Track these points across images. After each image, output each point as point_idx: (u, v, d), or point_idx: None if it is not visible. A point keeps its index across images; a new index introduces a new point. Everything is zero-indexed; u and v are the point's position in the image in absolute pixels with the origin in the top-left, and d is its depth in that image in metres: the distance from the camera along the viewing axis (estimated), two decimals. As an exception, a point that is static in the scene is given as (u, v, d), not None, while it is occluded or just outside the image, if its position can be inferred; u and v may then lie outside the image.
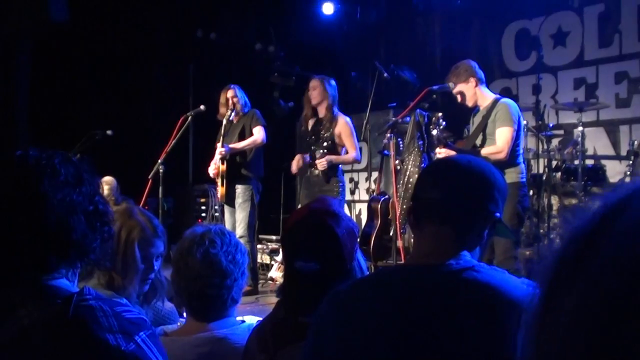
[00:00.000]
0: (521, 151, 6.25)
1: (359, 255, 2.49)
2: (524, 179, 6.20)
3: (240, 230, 7.82)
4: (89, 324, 1.63)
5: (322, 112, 7.68)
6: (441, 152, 6.13)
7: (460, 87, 6.29)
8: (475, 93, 6.27)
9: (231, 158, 7.96)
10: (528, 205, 6.57)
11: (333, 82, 7.83)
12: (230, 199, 8.03)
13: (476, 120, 6.36)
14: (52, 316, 1.64)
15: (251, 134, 7.99)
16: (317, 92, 7.66)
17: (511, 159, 6.01)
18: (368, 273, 2.55)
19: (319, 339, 1.97)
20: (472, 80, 6.24)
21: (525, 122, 7.61)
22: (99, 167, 1.93)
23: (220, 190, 7.97)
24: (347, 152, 7.49)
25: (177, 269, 2.65)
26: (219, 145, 7.90)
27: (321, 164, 7.24)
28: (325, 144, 7.33)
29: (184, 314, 3.03)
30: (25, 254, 1.72)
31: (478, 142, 6.24)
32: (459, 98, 6.36)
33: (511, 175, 5.98)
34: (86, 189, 1.81)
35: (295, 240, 2.41)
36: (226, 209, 8.23)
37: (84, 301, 1.67)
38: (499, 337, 1.75)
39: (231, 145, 7.92)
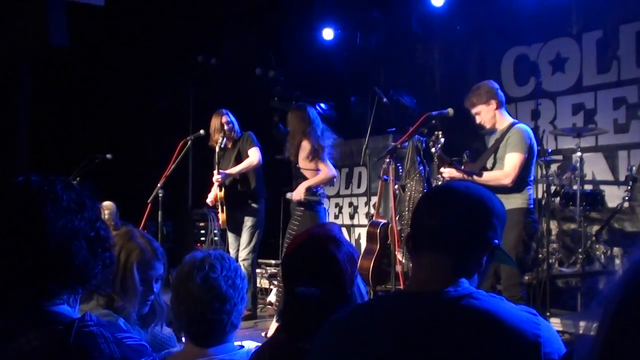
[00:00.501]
0: (532, 177, 6.19)
1: (359, 280, 2.49)
2: (532, 206, 6.12)
3: (244, 253, 7.81)
4: (90, 351, 1.63)
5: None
6: (445, 172, 6.10)
7: (479, 108, 6.21)
8: (494, 116, 6.20)
9: (233, 185, 7.96)
10: (536, 231, 6.48)
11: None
12: (235, 225, 8.02)
13: (490, 142, 6.33)
14: (53, 342, 1.64)
15: (247, 157, 7.99)
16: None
17: (518, 185, 5.93)
18: (367, 298, 2.55)
19: None
20: (493, 103, 6.18)
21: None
22: (98, 191, 1.94)
23: (222, 216, 7.96)
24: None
25: (176, 294, 2.65)
26: (215, 173, 7.90)
27: (295, 197, 7.23)
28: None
29: (183, 339, 3.02)
30: (26, 279, 1.73)
31: (489, 164, 6.20)
32: (477, 119, 6.28)
33: (517, 201, 5.93)
34: (88, 215, 1.81)
35: (296, 265, 2.42)
36: (230, 234, 8.21)
37: (85, 327, 1.67)
38: None
39: (227, 171, 7.92)
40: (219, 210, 7.96)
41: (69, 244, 1.74)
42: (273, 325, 6.91)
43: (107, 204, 7.95)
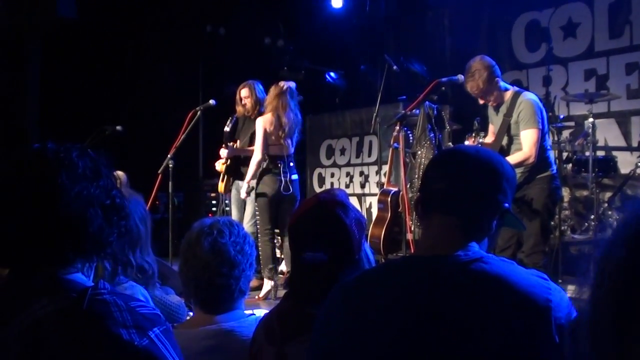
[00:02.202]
0: (549, 144, 6.16)
1: (366, 246, 2.48)
2: (555, 171, 6.08)
3: (247, 226, 7.75)
4: (102, 318, 1.63)
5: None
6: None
7: (478, 93, 6.03)
8: (495, 93, 6.03)
9: (243, 158, 7.93)
10: (559, 197, 6.46)
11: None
12: (238, 197, 8.00)
13: (496, 119, 6.20)
14: (66, 309, 1.65)
15: None
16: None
17: (540, 157, 5.87)
18: (375, 264, 2.53)
19: (326, 331, 1.95)
20: (487, 81, 5.94)
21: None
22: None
23: (220, 185, 8.01)
24: None
25: (185, 259, 2.65)
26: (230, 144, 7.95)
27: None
28: None
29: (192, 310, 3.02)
30: (41, 247, 1.73)
31: (504, 143, 6.11)
32: (480, 101, 6.17)
33: (540, 170, 5.91)
34: (104, 183, 1.81)
35: (304, 230, 2.41)
36: (233, 207, 8.19)
37: (98, 295, 1.67)
38: (508, 330, 1.74)
39: (235, 149, 7.95)
40: (220, 178, 7.99)
41: (84, 211, 1.73)
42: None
43: (118, 173, 7.95)
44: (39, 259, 1.73)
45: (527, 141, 5.85)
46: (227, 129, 7.99)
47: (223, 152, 7.95)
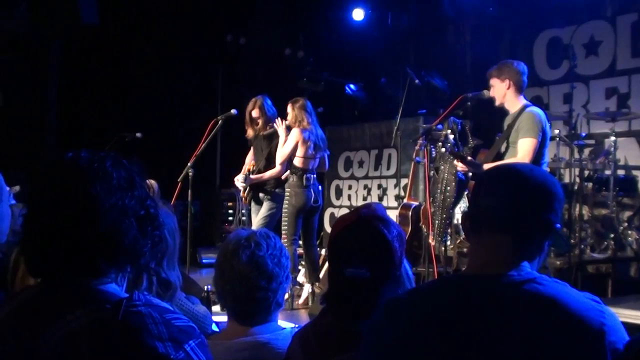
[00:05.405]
0: (546, 160, 6.18)
1: (405, 261, 2.46)
2: None
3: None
4: (138, 331, 1.61)
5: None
6: (458, 166, 6.18)
7: (494, 81, 6.23)
8: (505, 95, 6.19)
9: (264, 168, 7.96)
10: None
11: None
12: (257, 202, 7.99)
13: (504, 125, 6.32)
14: (100, 321, 1.62)
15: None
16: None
17: None
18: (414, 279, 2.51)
19: (375, 347, 1.93)
20: (507, 82, 6.16)
21: (557, 131, 7.56)
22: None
23: (243, 195, 8.04)
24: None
25: (221, 271, 2.63)
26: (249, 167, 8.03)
27: None
28: None
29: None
30: (75, 258, 1.71)
31: (502, 149, 6.20)
32: (491, 91, 6.31)
33: None
34: (138, 193, 1.79)
35: (345, 246, 2.38)
36: (253, 215, 8.17)
37: (133, 307, 1.65)
38: (562, 353, 1.72)
39: (253, 177, 7.88)
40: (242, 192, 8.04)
41: (119, 222, 1.71)
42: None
43: (151, 182, 7.92)
44: (73, 270, 1.72)
45: (522, 149, 5.90)
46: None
47: (238, 183, 7.96)
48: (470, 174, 6.27)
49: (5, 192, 2.66)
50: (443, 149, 6.08)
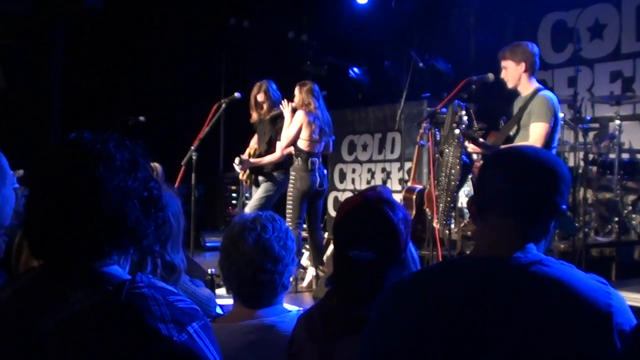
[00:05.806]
0: (555, 144, 6.13)
1: (411, 244, 2.46)
2: None
3: (247, 209, 7.83)
4: (140, 313, 1.60)
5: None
6: (469, 147, 6.15)
7: (508, 63, 6.09)
8: (519, 77, 6.06)
9: (265, 152, 7.97)
10: None
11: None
12: (257, 185, 8.02)
13: (515, 108, 6.27)
14: (103, 303, 1.62)
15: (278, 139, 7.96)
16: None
17: None
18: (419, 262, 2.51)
19: (381, 330, 1.93)
20: (523, 65, 6.03)
21: (562, 114, 7.54)
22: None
23: (243, 176, 8.07)
24: None
25: (226, 254, 2.62)
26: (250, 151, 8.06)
27: None
28: None
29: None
30: (78, 239, 1.69)
31: (512, 132, 6.16)
32: (502, 73, 6.17)
33: None
34: (141, 175, 1.77)
35: (351, 228, 2.37)
36: (254, 193, 8.17)
37: (136, 289, 1.65)
38: (569, 334, 1.72)
39: (252, 160, 7.93)
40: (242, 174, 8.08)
41: (122, 204, 1.70)
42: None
43: (155, 165, 7.90)
44: (75, 252, 1.70)
45: (535, 134, 5.84)
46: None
47: (237, 166, 7.97)
48: (475, 156, 6.23)
49: (9, 175, 2.65)
50: (457, 130, 6.01)
